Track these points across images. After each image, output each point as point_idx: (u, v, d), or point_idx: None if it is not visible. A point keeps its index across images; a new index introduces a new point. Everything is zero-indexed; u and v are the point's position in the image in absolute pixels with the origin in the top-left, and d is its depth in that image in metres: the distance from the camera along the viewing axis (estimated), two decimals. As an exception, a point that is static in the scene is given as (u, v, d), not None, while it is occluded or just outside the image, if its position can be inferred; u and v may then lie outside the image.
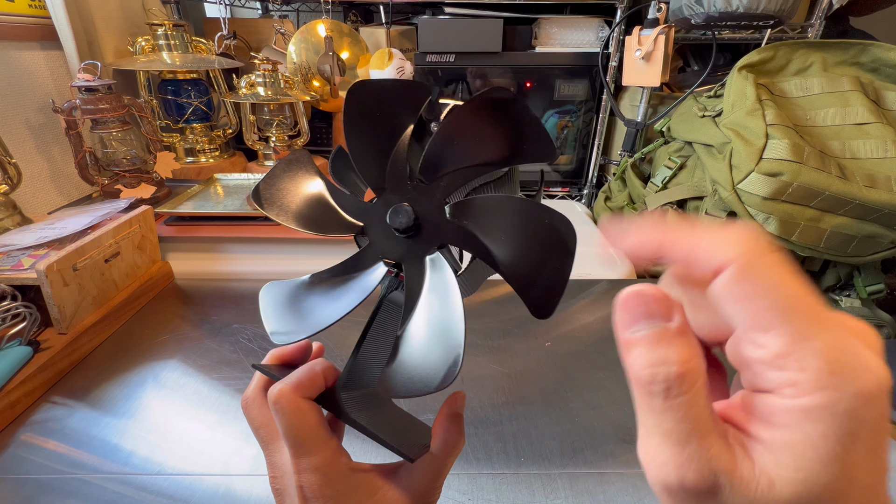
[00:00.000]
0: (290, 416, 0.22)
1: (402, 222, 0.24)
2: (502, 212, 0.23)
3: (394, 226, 0.24)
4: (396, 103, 0.25)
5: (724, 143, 0.76)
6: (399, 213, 0.24)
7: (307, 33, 1.04)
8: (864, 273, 0.79)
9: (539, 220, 0.22)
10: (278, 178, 0.28)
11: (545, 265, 0.21)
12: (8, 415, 0.45)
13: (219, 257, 0.75)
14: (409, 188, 0.25)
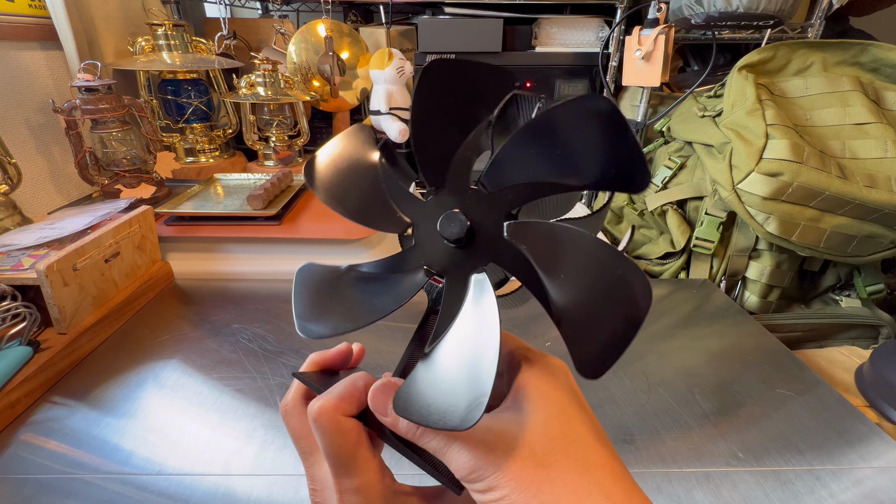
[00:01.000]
0: (331, 435, 0.21)
1: (453, 233, 0.22)
2: (570, 248, 0.20)
3: (443, 234, 0.22)
4: (475, 91, 0.22)
5: (724, 143, 0.76)
6: (451, 222, 0.22)
7: (307, 33, 1.04)
8: (864, 273, 0.79)
9: (612, 269, 0.18)
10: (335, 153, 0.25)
11: (605, 323, 0.18)
12: (8, 415, 0.45)
13: (219, 257, 0.75)
14: (469, 193, 0.22)
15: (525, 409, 0.19)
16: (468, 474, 0.18)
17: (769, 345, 0.59)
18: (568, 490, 0.17)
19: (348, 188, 0.24)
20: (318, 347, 0.27)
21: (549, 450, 0.18)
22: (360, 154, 0.24)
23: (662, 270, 0.85)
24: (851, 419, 0.47)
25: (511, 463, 0.18)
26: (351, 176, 0.24)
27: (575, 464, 0.18)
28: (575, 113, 0.19)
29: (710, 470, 0.42)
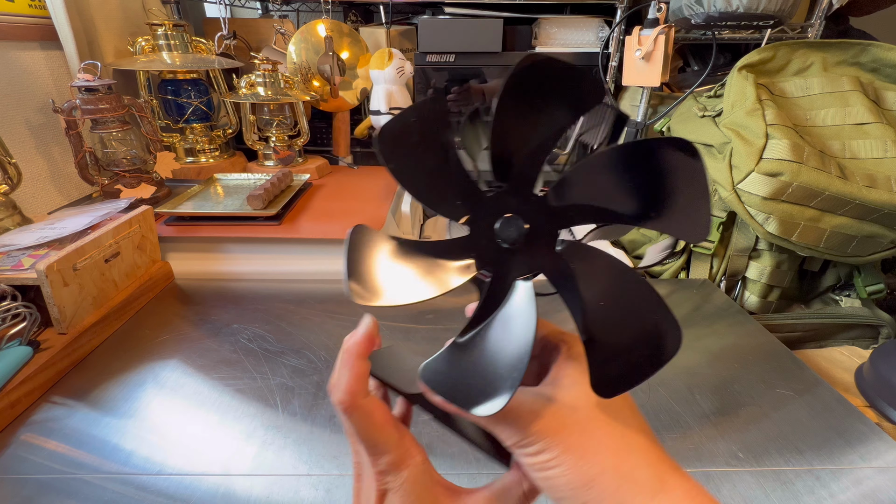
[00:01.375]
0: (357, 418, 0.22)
1: (509, 237, 0.23)
2: (619, 284, 0.21)
3: (500, 235, 0.23)
4: (565, 95, 0.21)
5: (724, 143, 0.76)
6: (511, 227, 0.22)
7: (307, 33, 1.04)
8: (864, 273, 0.79)
9: (652, 314, 0.20)
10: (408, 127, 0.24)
11: (630, 358, 0.20)
12: (8, 415, 0.45)
13: (219, 257, 0.75)
14: (533, 198, 0.22)
15: (566, 384, 0.22)
16: (519, 440, 0.20)
17: (769, 345, 0.59)
18: (610, 453, 0.20)
19: (417, 164, 0.24)
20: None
21: (591, 418, 0.21)
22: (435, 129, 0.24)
23: (662, 270, 0.85)
24: (851, 419, 0.47)
25: (560, 430, 0.20)
26: (421, 152, 0.24)
27: (614, 430, 0.21)
28: (664, 154, 0.19)
29: (710, 470, 0.42)
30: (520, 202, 0.23)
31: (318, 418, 0.46)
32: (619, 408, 0.22)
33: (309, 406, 0.48)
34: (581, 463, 0.20)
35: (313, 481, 0.40)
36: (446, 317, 0.63)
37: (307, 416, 0.47)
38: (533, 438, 0.20)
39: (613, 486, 0.19)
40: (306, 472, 0.41)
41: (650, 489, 0.19)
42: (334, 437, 0.44)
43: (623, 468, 0.20)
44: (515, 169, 0.22)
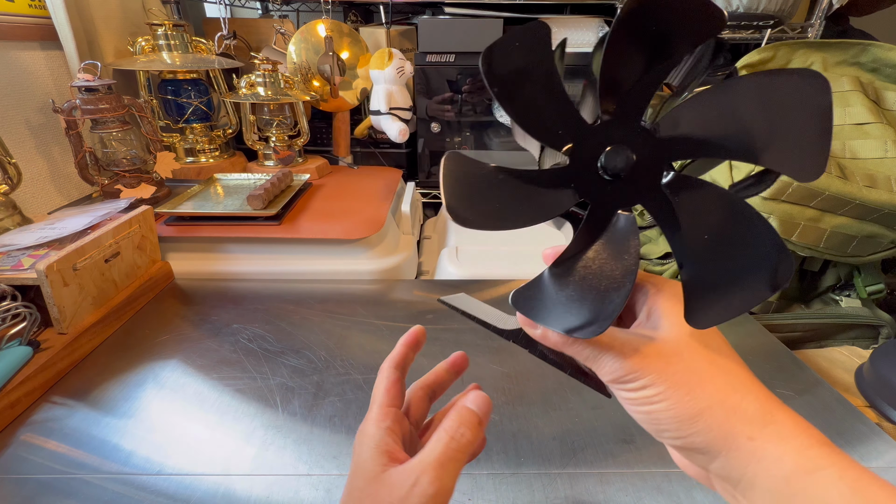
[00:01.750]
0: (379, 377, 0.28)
1: (616, 167, 0.22)
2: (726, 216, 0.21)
3: (605, 165, 0.22)
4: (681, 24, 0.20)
5: (724, 143, 0.76)
6: (618, 156, 0.22)
7: (307, 33, 1.04)
8: (864, 273, 0.79)
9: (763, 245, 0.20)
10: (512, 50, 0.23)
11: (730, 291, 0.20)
12: (8, 415, 0.45)
13: (219, 257, 0.75)
14: (639, 130, 0.22)
15: (663, 325, 0.22)
16: (623, 376, 0.21)
17: (769, 345, 0.59)
18: (716, 387, 0.20)
19: (519, 88, 0.23)
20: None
21: (694, 353, 0.21)
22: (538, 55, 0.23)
23: (662, 270, 0.85)
24: (851, 419, 0.47)
25: (664, 365, 0.21)
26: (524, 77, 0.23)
27: (718, 365, 0.21)
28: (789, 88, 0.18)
29: (710, 470, 0.42)
30: (626, 133, 0.22)
31: (318, 418, 0.46)
32: (718, 343, 0.22)
33: (309, 406, 0.48)
34: (688, 398, 0.20)
35: (313, 481, 0.40)
36: (446, 317, 0.63)
37: (307, 416, 0.47)
38: (637, 374, 0.21)
39: (721, 418, 0.20)
40: (306, 472, 0.41)
41: (759, 421, 0.20)
42: (334, 437, 0.44)
43: (730, 402, 0.20)
44: (623, 99, 0.22)
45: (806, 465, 0.19)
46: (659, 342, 0.21)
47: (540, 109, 0.23)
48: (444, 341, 0.58)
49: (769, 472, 0.19)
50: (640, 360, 0.21)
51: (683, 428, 0.20)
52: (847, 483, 0.18)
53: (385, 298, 0.69)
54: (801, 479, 0.19)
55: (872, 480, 0.18)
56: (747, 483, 0.20)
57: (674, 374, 0.20)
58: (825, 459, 0.19)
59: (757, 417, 0.20)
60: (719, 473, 0.21)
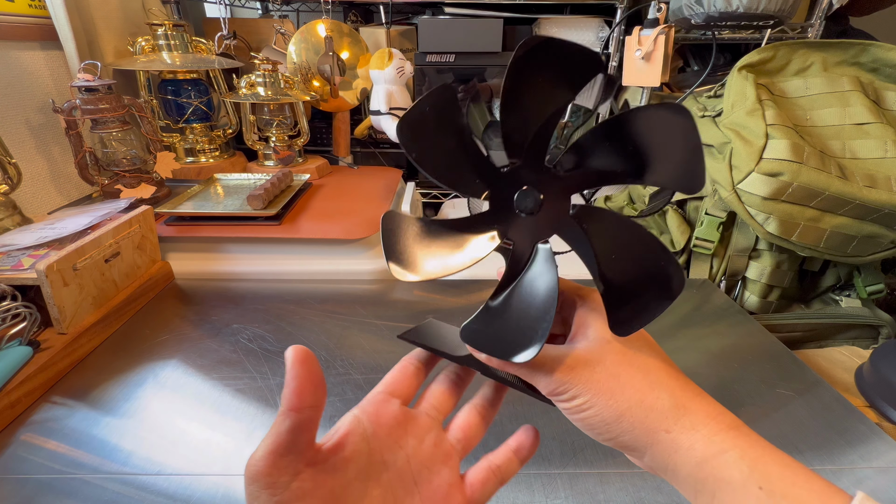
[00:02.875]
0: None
1: (527, 206, 0.26)
2: (626, 237, 0.24)
3: (519, 206, 0.26)
4: (564, 72, 0.23)
5: (724, 143, 0.76)
6: (528, 197, 0.26)
7: (307, 33, 1.04)
8: (864, 273, 0.79)
9: (658, 260, 0.23)
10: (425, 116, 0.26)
11: (642, 299, 0.24)
12: (8, 415, 0.45)
13: (219, 257, 0.75)
14: (544, 170, 0.25)
15: (592, 336, 0.24)
16: (555, 389, 0.24)
17: (769, 345, 0.59)
18: (635, 390, 0.22)
19: (436, 150, 0.26)
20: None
21: (616, 360, 0.23)
22: (447, 117, 0.26)
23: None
24: (851, 419, 0.47)
25: (590, 376, 0.23)
26: (439, 137, 0.26)
27: (638, 371, 0.23)
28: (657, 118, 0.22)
29: (710, 470, 0.42)
30: (533, 174, 0.25)
31: (318, 418, 0.46)
32: (640, 347, 0.24)
33: (309, 406, 0.48)
34: (611, 402, 0.22)
35: (313, 481, 0.40)
36: (445, 317, 0.63)
37: (307, 416, 0.47)
38: (566, 386, 0.23)
39: (641, 417, 0.22)
40: (306, 472, 0.41)
41: (673, 415, 0.22)
42: (334, 437, 0.44)
43: (647, 400, 0.22)
44: (526, 145, 0.25)
45: (713, 450, 0.21)
46: (583, 352, 0.24)
47: (457, 166, 0.26)
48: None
49: (685, 460, 0.21)
50: (567, 373, 0.23)
51: (612, 430, 0.23)
52: (747, 462, 0.20)
53: (385, 298, 0.69)
54: (709, 462, 0.21)
55: (771, 457, 0.20)
56: (672, 472, 0.22)
57: (598, 382, 0.23)
58: (730, 442, 0.21)
59: (671, 412, 0.22)
60: (651, 466, 0.23)
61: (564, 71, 0.23)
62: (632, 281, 0.24)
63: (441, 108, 0.25)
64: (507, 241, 0.27)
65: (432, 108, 0.25)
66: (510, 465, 0.27)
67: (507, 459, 0.27)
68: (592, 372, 0.23)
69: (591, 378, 0.23)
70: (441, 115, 0.26)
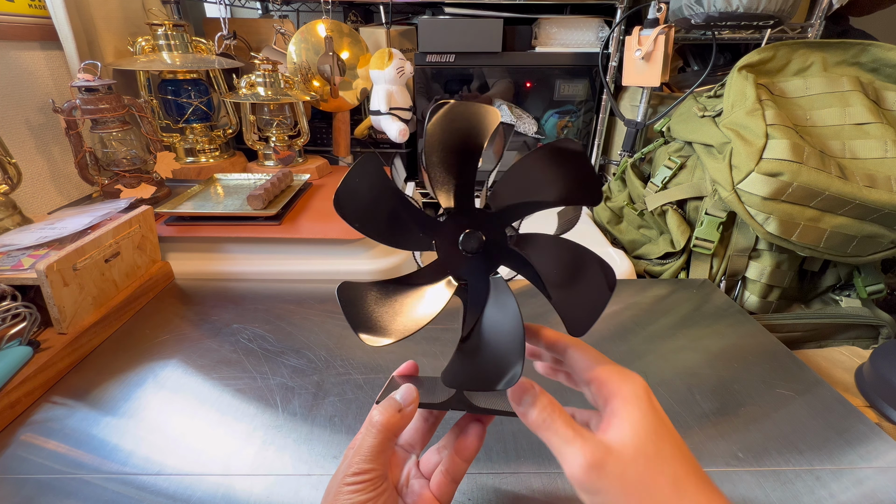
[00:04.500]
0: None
1: (472, 247, 0.28)
2: (558, 251, 0.28)
3: (465, 249, 0.29)
4: (471, 127, 0.27)
5: (723, 143, 0.76)
6: (471, 239, 0.28)
7: (307, 33, 1.04)
8: (864, 273, 0.79)
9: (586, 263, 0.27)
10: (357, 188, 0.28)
11: (587, 297, 0.26)
12: (8, 415, 0.45)
13: (219, 257, 0.75)
14: (477, 212, 0.28)
15: (626, 433, 0.24)
16: (581, 479, 0.24)
17: (769, 345, 0.59)
18: (664, 497, 0.23)
19: (375, 217, 0.29)
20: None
21: (647, 469, 0.23)
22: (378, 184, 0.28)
23: (662, 270, 0.85)
24: (851, 419, 0.47)
25: (620, 477, 0.23)
26: (375, 205, 0.28)
27: (668, 480, 0.23)
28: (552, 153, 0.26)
29: (710, 470, 0.42)
30: (468, 217, 0.28)
31: (318, 418, 0.46)
32: (672, 455, 0.24)
33: (309, 406, 0.48)
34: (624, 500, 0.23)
35: (313, 481, 0.40)
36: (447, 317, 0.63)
37: (307, 416, 0.47)
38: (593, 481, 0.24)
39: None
40: (306, 472, 0.41)
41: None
42: (334, 437, 0.44)
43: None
44: (457, 195, 0.28)
45: None
46: (617, 448, 0.24)
47: (398, 226, 0.29)
48: (445, 341, 0.58)
49: None
50: (597, 468, 0.23)
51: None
52: None
53: (385, 298, 0.69)
54: None
55: None
56: None
57: (627, 486, 0.23)
58: None
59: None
60: None
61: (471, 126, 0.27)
62: (574, 286, 0.27)
63: (370, 179, 0.28)
64: (462, 281, 0.30)
65: (362, 180, 0.28)
66: (458, 466, 0.30)
67: (453, 462, 0.30)
68: (623, 473, 0.23)
69: (622, 480, 0.23)
70: (372, 185, 0.28)
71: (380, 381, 0.52)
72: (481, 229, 0.28)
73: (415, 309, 0.29)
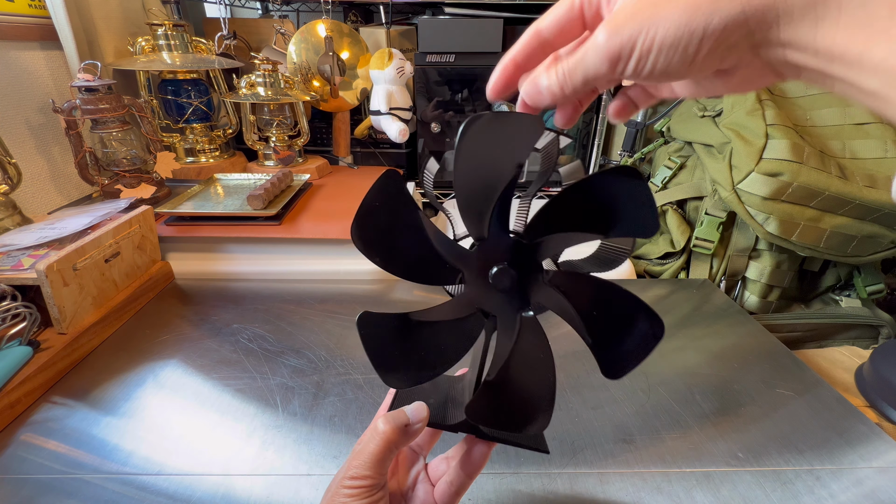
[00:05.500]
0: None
1: (504, 285, 0.25)
2: (602, 295, 0.24)
3: (496, 286, 0.25)
4: (511, 146, 0.23)
5: (723, 143, 0.76)
6: (504, 276, 0.25)
7: (307, 33, 1.04)
8: (864, 273, 0.79)
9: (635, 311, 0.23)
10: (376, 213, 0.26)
11: (629, 345, 0.24)
12: (8, 415, 0.45)
13: (219, 257, 0.75)
14: (511, 243, 0.25)
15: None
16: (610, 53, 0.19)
17: (769, 345, 0.59)
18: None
19: (399, 249, 0.26)
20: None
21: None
22: (398, 209, 0.26)
23: (662, 270, 0.85)
24: (851, 419, 0.47)
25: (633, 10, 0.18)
26: (396, 235, 0.26)
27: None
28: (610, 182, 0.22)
29: (710, 470, 0.42)
30: (501, 250, 0.25)
31: (318, 418, 0.46)
32: None
33: (309, 406, 0.48)
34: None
35: (313, 481, 0.40)
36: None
37: (307, 416, 0.47)
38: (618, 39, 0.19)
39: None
40: (306, 472, 0.41)
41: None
42: (334, 437, 0.44)
43: None
44: (489, 222, 0.25)
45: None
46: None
47: (422, 257, 0.26)
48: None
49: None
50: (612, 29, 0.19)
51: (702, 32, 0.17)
52: None
53: (385, 298, 0.69)
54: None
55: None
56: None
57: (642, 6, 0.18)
58: None
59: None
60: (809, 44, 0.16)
61: (511, 145, 0.23)
62: (616, 332, 0.24)
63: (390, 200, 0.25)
64: (491, 316, 0.27)
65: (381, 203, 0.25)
66: (462, 481, 0.30)
67: (458, 475, 0.30)
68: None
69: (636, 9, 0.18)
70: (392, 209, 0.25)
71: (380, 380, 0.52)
72: (515, 262, 0.25)
73: (436, 350, 0.27)
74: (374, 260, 0.25)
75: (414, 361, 0.27)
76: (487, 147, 0.23)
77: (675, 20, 0.17)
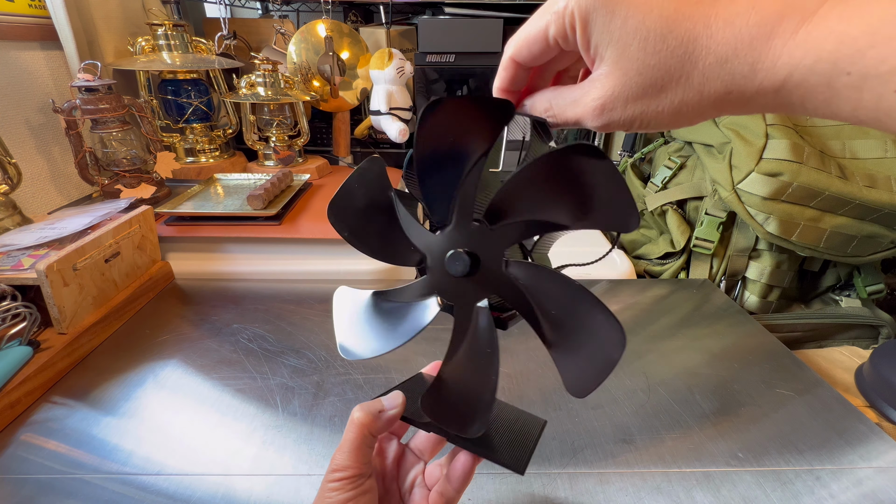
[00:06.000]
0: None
1: (457, 270, 0.24)
2: (563, 294, 0.22)
3: (450, 271, 0.25)
4: (473, 125, 0.22)
5: (723, 143, 0.76)
6: (456, 261, 0.24)
7: (307, 33, 1.04)
8: (864, 273, 0.79)
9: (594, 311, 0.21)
10: (353, 193, 0.26)
11: (591, 353, 0.22)
12: (8, 415, 0.45)
13: (219, 257, 0.75)
14: (473, 229, 0.24)
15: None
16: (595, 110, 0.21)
17: (769, 345, 0.59)
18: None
19: (368, 228, 0.27)
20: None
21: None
22: (375, 191, 0.26)
23: (662, 270, 0.85)
24: (851, 419, 0.47)
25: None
26: (369, 215, 0.26)
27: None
28: (565, 157, 0.20)
29: (710, 470, 0.42)
30: (463, 235, 0.24)
31: (318, 418, 0.46)
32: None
33: (309, 406, 0.48)
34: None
35: (313, 481, 0.40)
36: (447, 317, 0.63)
37: (307, 416, 0.47)
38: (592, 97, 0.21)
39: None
40: (306, 472, 0.41)
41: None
42: (334, 437, 0.44)
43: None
44: (453, 207, 0.24)
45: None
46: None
47: (390, 239, 0.26)
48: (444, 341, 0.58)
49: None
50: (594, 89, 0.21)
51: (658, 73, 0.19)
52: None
53: (385, 298, 0.69)
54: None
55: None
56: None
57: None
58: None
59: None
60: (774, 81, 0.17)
61: (472, 125, 0.22)
62: (576, 337, 0.22)
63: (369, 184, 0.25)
64: (447, 303, 0.27)
65: (360, 186, 0.25)
66: (451, 495, 0.30)
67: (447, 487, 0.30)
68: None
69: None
70: (370, 191, 0.26)
71: (380, 380, 0.52)
72: (477, 249, 0.24)
73: (393, 328, 0.28)
74: (343, 234, 0.26)
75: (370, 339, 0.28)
76: (450, 132, 0.23)
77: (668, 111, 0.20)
